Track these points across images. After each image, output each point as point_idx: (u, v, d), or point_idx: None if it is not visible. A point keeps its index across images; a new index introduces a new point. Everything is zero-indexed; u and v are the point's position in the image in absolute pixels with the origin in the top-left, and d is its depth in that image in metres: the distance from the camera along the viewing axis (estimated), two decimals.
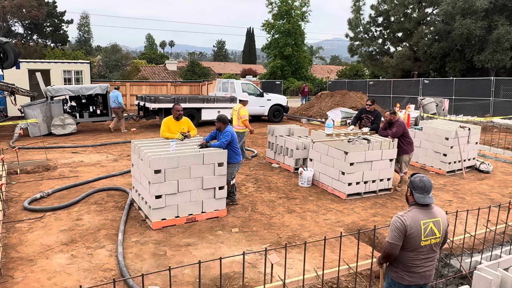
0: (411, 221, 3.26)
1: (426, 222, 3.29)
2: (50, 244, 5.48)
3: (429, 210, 3.35)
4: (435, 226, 3.32)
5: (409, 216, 3.29)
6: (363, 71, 45.80)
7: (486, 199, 7.99)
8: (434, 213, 3.35)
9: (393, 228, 3.29)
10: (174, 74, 43.58)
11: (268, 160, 10.41)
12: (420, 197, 3.31)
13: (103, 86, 15.54)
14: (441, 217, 3.37)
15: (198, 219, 6.39)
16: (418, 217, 3.29)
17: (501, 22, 24.36)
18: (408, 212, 3.34)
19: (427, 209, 3.34)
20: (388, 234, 3.35)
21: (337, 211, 7.12)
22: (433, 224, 3.31)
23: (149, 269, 4.92)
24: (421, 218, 3.29)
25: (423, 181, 3.34)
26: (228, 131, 6.70)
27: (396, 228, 3.28)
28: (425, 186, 3.31)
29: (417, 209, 3.34)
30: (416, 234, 3.26)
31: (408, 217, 3.28)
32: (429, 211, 3.34)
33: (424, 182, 3.33)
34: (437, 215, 3.36)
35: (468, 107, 21.51)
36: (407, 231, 3.25)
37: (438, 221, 3.34)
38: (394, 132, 8.05)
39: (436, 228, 3.32)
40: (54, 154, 10.71)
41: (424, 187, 3.31)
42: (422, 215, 3.30)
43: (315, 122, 19.28)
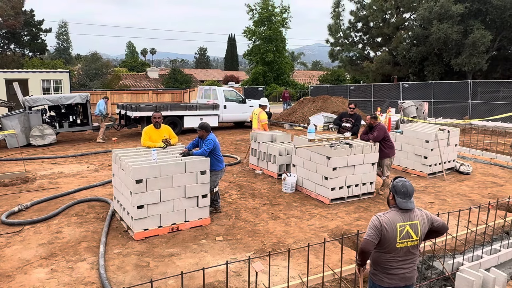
0: (387, 222, 3.31)
1: (402, 225, 3.32)
2: (29, 259, 5.33)
3: (408, 213, 3.37)
4: (411, 229, 3.34)
5: (387, 217, 3.35)
6: (344, 76, 46.35)
7: (466, 200, 8.12)
8: (412, 216, 3.37)
9: (370, 226, 3.36)
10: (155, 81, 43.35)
11: (252, 166, 10.38)
12: (402, 202, 3.34)
13: (83, 95, 15.31)
14: (420, 220, 3.39)
15: (181, 228, 6.31)
16: (395, 220, 3.33)
17: (476, 26, 24.98)
18: (386, 213, 3.39)
19: (406, 213, 3.37)
20: (366, 232, 3.40)
21: (321, 216, 7.13)
22: (410, 227, 3.34)
23: (131, 281, 4.83)
24: (397, 221, 3.32)
25: (406, 186, 3.36)
26: (210, 139, 6.65)
27: (373, 226, 3.34)
28: (407, 191, 3.34)
29: (396, 211, 3.38)
30: (391, 235, 3.30)
31: (386, 218, 3.33)
32: (407, 214, 3.37)
33: (406, 187, 3.35)
34: (415, 218, 3.38)
35: (447, 110, 21.93)
36: (382, 230, 3.30)
37: (415, 224, 3.36)
38: (375, 136, 8.12)
39: (413, 231, 3.34)
40: (33, 166, 10.48)
41: (406, 192, 3.34)
42: (399, 218, 3.34)
43: (298, 128, 19.36)
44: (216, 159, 6.78)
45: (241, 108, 18.75)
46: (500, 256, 5.45)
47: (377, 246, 3.36)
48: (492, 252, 5.51)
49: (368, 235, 3.34)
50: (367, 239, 3.34)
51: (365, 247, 3.36)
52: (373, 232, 3.32)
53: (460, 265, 5.03)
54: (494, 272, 4.58)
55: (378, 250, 3.40)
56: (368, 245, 3.35)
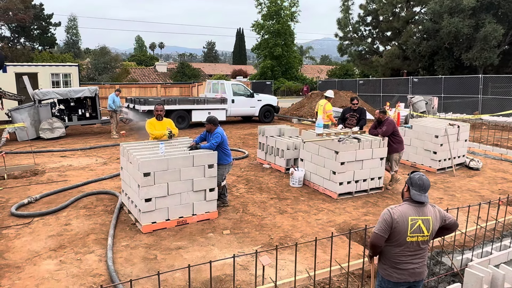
0: (398, 215, 3.30)
1: (414, 219, 3.30)
2: (38, 250, 5.39)
3: (421, 208, 3.36)
4: (423, 224, 3.32)
5: (399, 210, 3.33)
6: (353, 70, 46.05)
7: (476, 196, 8.04)
8: (425, 211, 3.36)
9: (381, 220, 3.35)
10: (164, 75, 43.43)
11: (259, 160, 10.37)
12: (416, 194, 3.33)
13: (92, 89, 15.37)
14: (433, 216, 3.37)
15: (189, 222, 6.33)
16: (407, 213, 3.31)
17: (488, 20, 24.61)
18: (398, 206, 3.38)
19: (419, 207, 3.36)
20: (376, 225, 3.39)
21: (329, 211, 7.11)
22: (422, 222, 3.32)
23: (139, 273, 4.86)
24: (410, 214, 3.31)
25: (422, 179, 3.36)
26: (218, 133, 6.65)
27: (383, 220, 3.33)
28: (423, 184, 3.34)
29: (408, 205, 3.37)
30: (401, 228, 3.28)
31: (397, 211, 3.32)
32: (420, 208, 3.35)
33: (423, 180, 3.35)
34: (428, 213, 3.36)
35: (457, 105, 21.69)
36: (393, 224, 3.29)
37: (428, 219, 3.34)
38: (384, 130, 8.06)
39: (425, 226, 3.33)
40: (42, 159, 10.57)
41: (422, 185, 3.33)
42: (412, 212, 3.33)
43: (306, 122, 19.29)
44: (224, 153, 6.77)
45: (249, 102, 18.71)
46: (510, 252, 5.38)
47: (387, 239, 3.34)
48: (502, 248, 5.45)
49: (378, 229, 3.33)
50: (377, 234, 3.33)
51: (374, 241, 3.36)
52: (382, 227, 3.31)
53: (469, 261, 4.98)
54: (504, 268, 4.52)
55: (388, 244, 3.38)
56: (378, 239, 3.34)
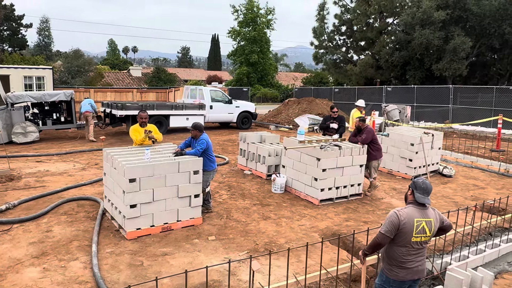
0: (405, 216, 3.55)
1: (419, 221, 3.58)
2: (19, 258, 5.26)
3: (424, 210, 3.65)
4: (427, 225, 3.61)
5: (405, 212, 3.59)
6: (327, 78, 46.80)
7: (450, 202, 8.35)
8: (428, 213, 3.66)
9: (388, 221, 3.58)
10: (138, 80, 42.92)
11: (240, 167, 10.43)
12: (420, 197, 3.62)
13: (68, 93, 15.07)
14: (434, 219, 3.67)
15: (173, 228, 6.32)
16: (413, 215, 3.58)
17: (457, 32, 25.60)
18: (405, 209, 3.64)
19: (422, 209, 3.64)
20: (382, 226, 3.62)
21: (311, 216, 7.24)
22: (425, 223, 3.61)
23: (126, 280, 4.82)
24: (415, 216, 3.58)
25: (426, 183, 3.66)
26: (203, 139, 6.68)
27: (390, 221, 3.56)
28: (427, 188, 3.64)
29: (413, 207, 3.64)
30: (408, 229, 3.54)
31: (404, 213, 3.58)
32: (424, 211, 3.64)
33: (426, 184, 3.66)
34: (431, 216, 3.66)
35: (428, 114, 22.42)
36: (400, 225, 3.53)
37: (430, 221, 3.64)
38: (363, 138, 8.28)
39: (428, 228, 3.61)
40: (17, 164, 10.29)
41: (426, 189, 3.63)
42: (417, 214, 3.60)
43: (283, 129, 19.49)
44: (209, 159, 6.81)
45: (227, 108, 18.76)
46: (485, 256, 5.65)
47: (392, 239, 3.58)
48: (477, 252, 5.70)
49: (384, 230, 3.57)
50: (384, 234, 3.57)
51: (381, 241, 3.61)
52: (389, 228, 3.55)
53: (448, 265, 5.19)
54: (482, 271, 4.75)
55: (393, 245, 3.62)
56: (384, 240, 3.59)
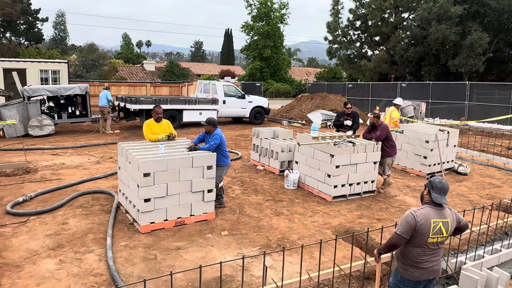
0: (422, 217, 3.49)
1: (436, 221, 3.53)
2: (36, 249, 5.36)
3: (441, 211, 3.59)
4: (443, 226, 3.56)
5: (422, 213, 3.53)
6: (341, 73, 46.47)
7: (465, 201, 8.25)
8: (444, 214, 3.60)
9: (404, 222, 3.52)
10: (152, 74, 43.15)
11: (253, 162, 10.44)
12: (437, 197, 3.55)
13: (83, 87, 15.25)
14: (451, 219, 3.61)
15: (187, 222, 6.36)
16: (430, 216, 3.52)
17: (474, 28, 25.16)
18: (421, 209, 3.57)
19: (439, 209, 3.58)
20: (398, 226, 3.57)
21: (324, 213, 7.22)
22: (442, 224, 3.55)
23: (140, 273, 4.88)
24: (432, 217, 3.52)
25: (442, 183, 3.59)
26: (217, 134, 6.70)
27: (407, 222, 3.51)
28: (443, 187, 3.57)
29: (430, 207, 3.58)
30: (424, 231, 3.49)
31: (421, 214, 3.52)
32: (441, 211, 3.58)
33: (443, 184, 3.58)
34: (447, 216, 3.60)
35: (444, 110, 22.12)
36: (416, 227, 3.48)
37: (447, 222, 3.58)
38: (378, 135, 8.22)
39: (444, 228, 3.57)
40: (33, 156, 10.45)
41: (443, 188, 3.56)
42: (434, 214, 3.54)
43: (296, 124, 19.43)
44: (222, 154, 6.82)
45: (240, 103, 18.77)
46: (501, 256, 5.57)
47: (409, 240, 3.52)
48: (493, 252, 5.62)
49: (400, 231, 3.52)
50: (400, 235, 3.52)
51: (397, 242, 3.56)
52: (405, 229, 3.50)
53: (463, 264, 5.13)
54: (497, 271, 4.68)
55: (409, 245, 3.57)
56: (400, 241, 3.54)
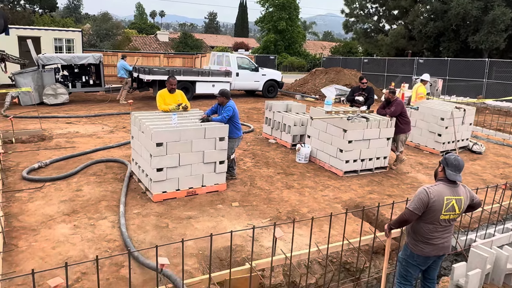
0: (435, 194, 3.47)
1: (449, 199, 3.50)
2: (51, 214, 5.49)
3: (455, 188, 3.55)
4: (456, 203, 3.53)
5: (435, 189, 3.50)
6: (356, 48, 45.59)
7: (478, 180, 8.17)
8: (458, 191, 3.56)
9: (417, 199, 3.50)
10: (165, 45, 42.88)
11: (265, 135, 10.43)
12: (451, 174, 3.51)
13: (96, 56, 15.24)
14: (464, 196, 3.59)
15: (198, 193, 6.43)
16: (443, 193, 3.49)
17: (497, 3, 24.29)
18: (434, 186, 3.54)
19: (453, 186, 3.55)
20: (410, 202, 3.55)
21: (335, 187, 7.23)
22: (455, 201, 3.53)
23: (152, 240, 4.98)
24: (445, 194, 3.50)
25: (458, 160, 3.55)
26: (229, 106, 6.67)
27: (419, 199, 3.48)
28: (458, 165, 3.53)
29: (444, 184, 3.55)
30: (437, 207, 3.47)
31: (434, 191, 3.49)
32: (454, 188, 3.55)
33: (458, 161, 3.55)
34: (461, 193, 3.57)
35: (461, 88, 21.65)
36: (429, 203, 3.45)
37: (460, 199, 3.56)
38: (392, 111, 8.10)
39: (457, 206, 3.54)
40: (48, 124, 10.58)
41: (458, 165, 3.53)
42: (447, 191, 3.51)
43: (309, 99, 19.25)
44: (235, 126, 6.82)
45: (253, 76, 18.60)
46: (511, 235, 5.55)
47: (420, 216, 3.49)
48: (504, 231, 5.60)
49: (412, 207, 3.49)
50: (412, 211, 3.49)
51: (408, 218, 3.54)
52: (417, 205, 3.47)
53: (473, 242, 5.13)
54: (507, 249, 4.67)
55: (421, 221, 3.55)
56: (412, 217, 3.52)
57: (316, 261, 5.04)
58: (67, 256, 4.52)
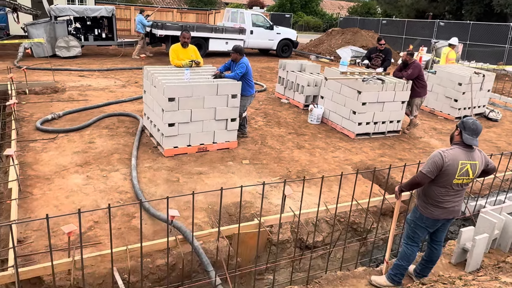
0: (450, 158, 3.40)
1: (464, 163, 3.43)
2: (65, 165, 5.58)
3: (470, 153, 3.47)
4: (471, 168, 3.47)
5: (450, 153, 3.43)
6: (375, 9, 44.07)
7: (492, 147, 8.06)
8: (473, 156, 3.49)
9: (431, 162, 3.44)
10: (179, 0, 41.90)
11: (277, 95, 10.32)
12: (468, 138, 3.43)
13: (109, 9, 14.98)
14: (479, 161, 3.51)
15: (209, 149, 6.46)
16: (459, 157, 3.42)
17: None
18: (450, 150, 3.47)
19: (469, 151, 3.47)
20: (424, 165, 3.49)
21: (346, 149, 7.20)
22: (470, 166, 3.46)
23: (163, 193, 5.06)
24: (460, 158, 3.42)
25: (476, 123, 3.44)
26: (243, 63, 6.56)
27: (434, 162, 3.42)
28: (476, 129, 3.43)
29: (459, 149, 3.47)
30: (451, 171, 3.41)
31: (449, 154, 3.42)
32: (470, 153, 3.47)
33: (476, 125, 3.44)
34: (476, 158, 3.49)
35: (481, 54, 20.95)
36: (443, 167, 3.39)
37: (475, 164, 3.48)
38: (409, 73, 7.90)
39: (472, 170, 3.47)
40: (60, 77, 10.58)
41: (476, 130, 3.42)
42: (462, 156, 3.44)
43: (324, 60, 18.87)
44: (248, 84, 6.73)
45: (267, 34, 18.19)
46: None
47: (433, 180, 3.46)
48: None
49: (426, 170, 3.44)
50: (425, 175, 3.44)
51: (421, 181, 3.50)
52: (431, 168, 3.42)
53: (482, 208, 5.12)
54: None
55: (433, 184, 3.52)
56: (424, 180, 3.48)
57: (324, 220, 5.11)
58: (80, 205, 4.63)
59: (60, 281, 3.62)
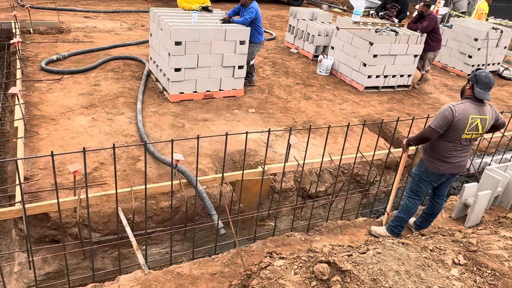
0: (460, 113, 3.31)
1: (474, 118, 3.35)
2: (70, 106, 5.56)
3: (481, 107, 3.38)
4: (481, 123, 3.38)
5: (461, 108, 3.33)
6: None
7: (503, 106, 7.91)
8: (484, 110, 3.39)
9: (441, 116, 3.34)
10: None
11: (287, 44, 10.05)
12: (480, 92, 3.33)
13: None
14: (490, 116, 3.42)
15: (215, 96, 6.40)
16: (469, 111, 3.33)
17: None
18: (460, 104, 3.37)
19: (479, 105, 3.38)
20: (433, 119, 3.41)
21: (353, 102, 7.10)
22: (480, 121, 3.37)
23: (168, 138, 5.05)
24: (471, 113, 3.34)
25: (489, 77, 3.33)
26: (253, 7, 6.32)
27: (443, 116, 3.33)
28: (489, 82, 3.32)
29: (470, 103, 3.37)
30: (461, 126, 3.33)
31: (459, 109, 3.32)
32: (481, 107, 3.38)
33: (489, 78, 3.33)
34: (487, 113, 3.40)
35: (501, 9, 20.09)
36: (453, 122, 3.31)
37: (485, 119, 3.40)
38: (424, 26, 7.62)
39: (481, 125, 3.40)
40: (65, 17, 10.30)
41: (488, 83, 3.32)
42: (473, 110, 3.35)
43: (337, 10, 18.19)
44: (257, 30, 6.53)
45: None
46: None
47: (442, 134, 3.39)
48: None
49: (435, 125, 3.36)
50: (433, 129, 3.37)
51: (429, 135, 3.42)
52: (441, 123, 3.33)
53: (487, 165, 5.10)
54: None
55: (441, 139, 3.45)
56: (433, 135, 3.40)
57: (328, 171, 5.13)
58: (85, 146, 4.63)
59: (67, 218, 3.70)
